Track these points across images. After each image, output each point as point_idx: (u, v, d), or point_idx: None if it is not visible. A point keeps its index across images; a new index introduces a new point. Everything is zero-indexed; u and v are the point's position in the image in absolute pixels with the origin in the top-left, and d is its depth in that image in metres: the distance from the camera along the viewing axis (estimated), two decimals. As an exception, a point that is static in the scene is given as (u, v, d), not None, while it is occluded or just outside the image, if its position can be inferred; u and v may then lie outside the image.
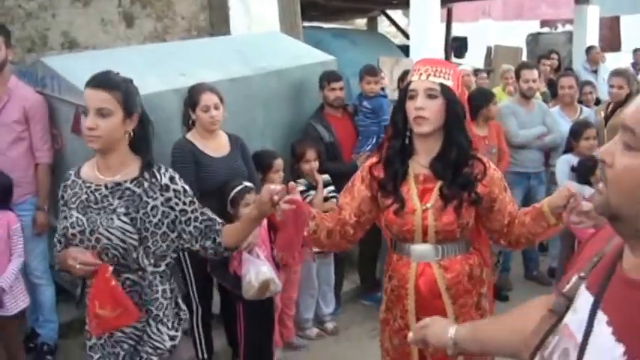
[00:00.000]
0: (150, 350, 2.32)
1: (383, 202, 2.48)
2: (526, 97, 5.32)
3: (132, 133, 2.26)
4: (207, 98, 3.54)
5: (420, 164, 2.45)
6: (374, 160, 2.54)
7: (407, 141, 2.46)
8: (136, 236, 2.21)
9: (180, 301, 2.44)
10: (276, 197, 2.17)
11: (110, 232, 2.19)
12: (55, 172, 3.93)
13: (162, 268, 2.32)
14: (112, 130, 2.19)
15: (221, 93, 3.65)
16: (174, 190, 2.28)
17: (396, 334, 2.55)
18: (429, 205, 2.40)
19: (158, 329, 2.32)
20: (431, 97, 2.35)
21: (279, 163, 4.00)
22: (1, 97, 3.78)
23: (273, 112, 4.50)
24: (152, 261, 2.28)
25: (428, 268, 2.46)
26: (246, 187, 3.53)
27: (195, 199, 2.35)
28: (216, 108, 3.55)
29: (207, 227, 2.33)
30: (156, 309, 2.31)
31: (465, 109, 2.45)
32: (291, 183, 2.28)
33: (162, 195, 2.26)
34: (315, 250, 3.96)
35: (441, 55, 8.76)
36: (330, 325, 4.59)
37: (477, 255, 2.57)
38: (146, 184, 2.25)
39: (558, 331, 1.26)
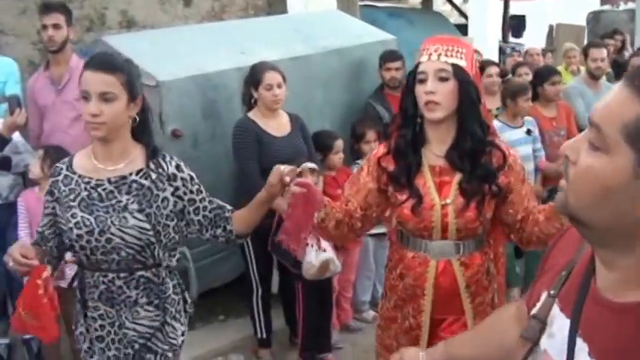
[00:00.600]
0: (166, 347, 2.24)
1: (396, 197, 2.27)
2: (594, 77, 5.13)
3: (136, 119, 2.10)
4: (271, 77, 3.51)
5: (434, 154, 2.25)
6: (382, 150, 2.33)
7: (417, 129, 2.26)
8: (152, 233, 2.09)
9: (186, 294, 2.35)
10: (286, 179, 2.07)
11: (124, 232, 2.05)
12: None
13: (174, 262, 2.23)
14: (117, 116, 2.02)
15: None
16: (182, 179, 2.16)
17: (405, 333, 2.37)
18: (448, 200, 2.21)
19: (173, 326, 2.24)
20: (442, 79, 2.15)
21: (339, 144, 3.94)
22: (62, 76, 3.82)
23: (333, 91, 4.44)
24: (168, 254, 2.18)
25: (448, 266, 2.28)
26: (307, 166, 3.48)
27: (202, 187, 2.22)
28: (279, 86, 3.52)
29: (217, 215, 2.23)
30: (170, 306, 2.22)
31: (479, 92, 2.24)
32: (305, 164, 2.18)
33: (170, 185, 2.13)
34: (372, 231, 3.90)
35: (499, 34, 8.54)
36: (387, 308, 4.53)
37: (490, 249, 2.39)
38: (154, 176, 2.10)
39: (538, 357, 1.15)
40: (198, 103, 3.77)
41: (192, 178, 2.19)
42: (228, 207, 2.26)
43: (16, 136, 3.60)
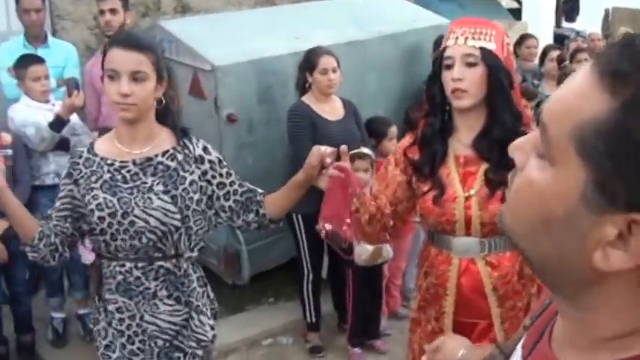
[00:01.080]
0: (194, 344, 2.13)
1: (419, 188, 2.14)
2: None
3: (162, 101, 2.04)
4: (326, 61, 3.50)
5: (461, 143, 2.11)
6: (408, 140, 2.21)
7: (446, 117, 2.13)
8: (178, 216, 1.99)
9: (209, 289, 2.25)
10: (327, 160, 1.98)
11: (148, 214, 1.96)
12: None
13: (196, 253, 2.12)
14: (147, 97, 1.95)
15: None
16: (210, 162, 2.06)
17: (429, 337, 2.18)
18: (472, 192, 2.06)
19: (200, 321, 2.13)
20: (470, 64, 2.00)
21: (393, 130, 3.91)
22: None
23: (387, 77, 4.40)
24: (191, 245, 2.08)
25: (472, 265, 2.12)
26: (360, 152, 3.47)
27: (231, 170, 2.12)
28: (334, 71, 3.51)
29: (248, 199, 2.11)
30: (195, 299, 2.12)
31: (511, 77, 2.08)
32: (343, 146, 2.06)
33: (198, 168, 2.04)
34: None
35: (552, 18, 8.32)
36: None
37: None
38: (180, 157, 2.02)
39: None
40: (254, 87, 3.79)
41: (220, 161, 2.09)
42: (260, 190, 2.16)
43: (74, 118, 3.68)
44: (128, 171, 2.00)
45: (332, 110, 3.63)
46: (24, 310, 3.67)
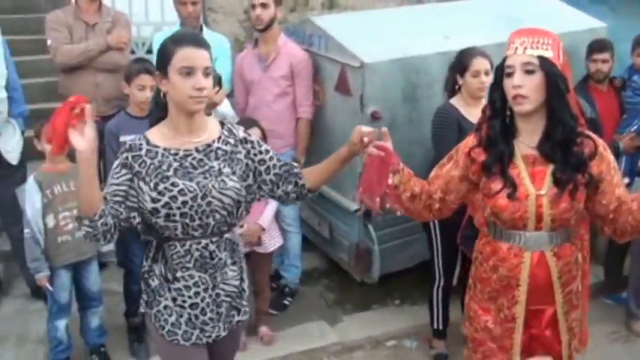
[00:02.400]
0: (244, 302, 2.40)
1: (489, 187, 2.30)
2: None
3: None
4: (479, 63, 3.38)
5: (525, 145, 2.28)
6: (472, 141, 2.37)
7: (507, 120, 2.29)
8: (244, 193, 2.22)
9: None
10: (366, 139, 2.14)
11: (223, 194, 2.16)
12: (315, 128, 4.07)
13: (240, 221, 2.39)
14: (211, 90, 2.21)
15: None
16: (251, 142, 2.28)
17: (500, 324, 2.43)
18: (543, 191, 2.24)
19: (245, 282, 2.41)
20: (529, 72, 2.17)
21: None
22: (269, 54, 3.97)
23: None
24: (242, 215, 2.30)
25: (542, 257, 2.33)
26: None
27: (269, 148, 2.34)
28: (486, 74, 3.38)
29: (287, 172, 2.31)
30: (243, 263, 2.39)
31: (567, 82, 2.21)
32: (384, 128, 2.22)
33: (243, 148, 2.25)
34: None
35: None
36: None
37: (578, 239, 2.41)
38: (231, 141, 2.24)
39: None
40: (400, 86, 3.76)
41: (258, 141, 2.31)
42: (295, 163, 2.39)
43: (227, 108, 3.81)
44: (193, 158, 2.17)
45: (479, 114, 3.50)
46: (137, 288, 3.80)
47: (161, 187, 2.11)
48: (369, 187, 2.30)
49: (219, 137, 2.22)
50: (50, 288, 3.36)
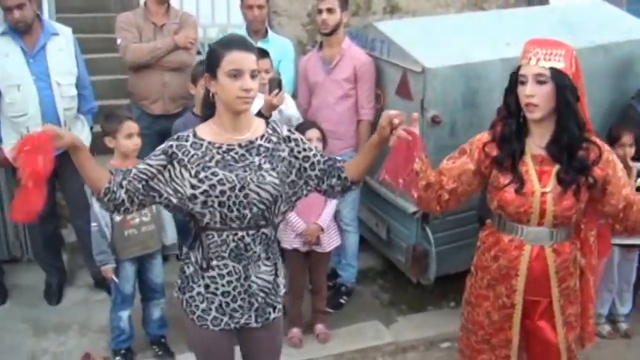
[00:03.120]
0: (278, 299, 2.47)
1: (498, 181, 2.47)
2: None
3: None
4: None
5: (535, 145, 2.46)
6: (486, 137, 2.53)
7: (521, 120, 2.46)
8: (281, 189, 2.28)
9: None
10: (395, 121, 2.18)
11: (261, 188, 2.24)
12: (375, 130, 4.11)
13: (282, 218, 2.40)
14: (257, 91, 2.26)
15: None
16: (294, 140, 2.36)
17: (499, 310, 2.59)
18: (547, 189, 2.41)
19: (280, 279, 2.46)
20: (540, 82, 2.33)
21: None
22: (334, 57, 4.06)
23: (594, 89, 4.16)
24: (281, 211, 2.35)
25: (541, 252, 2.50)
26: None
27: (312, 146, 2.41)
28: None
29: (330, 166, 2.38)
30: (278, 260, 2.45)
31: (577, 91, 2.37)
32: (415, 114, 2.28)
33: (287, 146, 2.33)
34: (621, 242, 3.82)
35: None
36: (623, 326, 4.22)
37: (578, 238, 2.57)
38: (274, 139, 2.32)
39: None
40: (460, 91, 3.79)
41: (301, 139, 2.39)
42: (339, 157, 2.44)
43: (293, 110, 3.89)
44: (235, 153, 2.27)
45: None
46: None
47: (202, 175, 2.22)
48: (394, 169, 2.33)
49: (263, 135, 2.31)
50: (115, 279, 3.48)
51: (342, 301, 4.28)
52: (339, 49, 4.04)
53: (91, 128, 4.18)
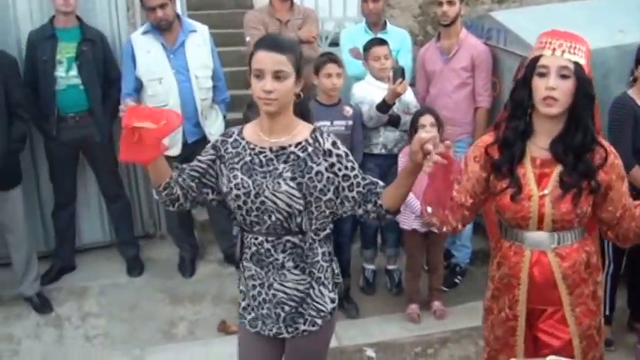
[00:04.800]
0: (313, 313, 2.32)
1: (495, 185, 2.33)
2: None
3: (300, 95, 2.22)
4: None
5: (538, 146, 2.29)
6: (490, 139, 2.38)
7: (527, 120, 2.28)
8: (302, 201, 2.17)
9: (335, 265, 2.41)
10: (429, 146, 1.94)
11: (276, 197, 2.16)
12: (492, 117, 4.25)
13: (321, 237, 2.28)
14: (287, 93, 2.14)
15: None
16: (337, 155, 2.20)
17: (501, 324, 2.44)
18: (546, 191, 2.25)
19: (320, 292, 2.32)
20: (563, 76, 2.16)
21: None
22: (452, 47, 4.24)
23: None
24: (313, 228, 2.24)
25: (543, 257, 2.33)
26: None
27: (356, 164, 2.24)
28: (663, 67, 3.44)
29: (369, 191, 2.22)
30: (317, 271, 2.29)
31: (594, 91, 2.23)
32: (447, 142, 2.01)
33: (325, 160, 2.19)
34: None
35: None
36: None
37: (592, 241, 2.40)
38: (310, 149, 2.19)
39: None
40: (576, 78, 3.89)
41: (347, 155, 2.23)
42: (381, 183, 2.26)
43: (410, 97, 4.11)
44: (265, 156, 2.21)
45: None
46: (344, 257, 4.14)
47: (230, 175, 2.23)
48: (437, 197, 2.17)
49: (300, 142, 2.21)
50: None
51: (456, 280, 4.49)
52: (457, 39, 4.22)
53: (224, 117, 4.51)
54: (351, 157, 2.24)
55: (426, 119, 3.80)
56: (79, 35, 4.21)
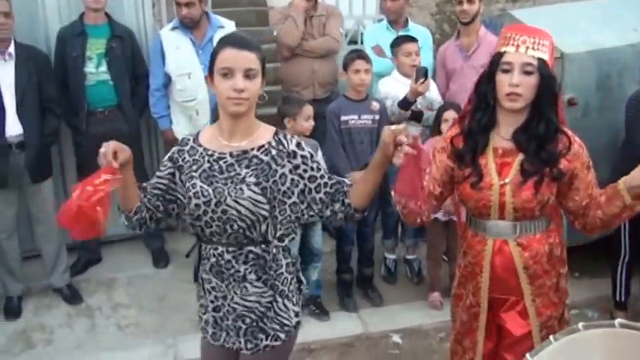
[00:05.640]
0: (277, 327, 2.23)
1: (459, 175, 2.37)
2: None
3: (264, 96, 2.14)
4: None
5: (500, 136, 2.33)
6: (455, 131, 2.42)
7: (490, 112, 2.32)
8: (267, 207, 2.08)
9: (300, 274, 2.35)
10: (402, 138, 1.91)
11: (239, 203, 2.05)
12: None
13: (285, 243, 2.20)
14: (256, 93, 2.07)
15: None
16: (302, 157, 2.12)
17: (467, 310, 2.50)
18: (507, 180, 2.28)
19: (285, 305, 2.23)
20: (527, 72, 2.19)
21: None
22: (471, 44, 4.38)
23: None
24: (278, 234, 2.15)
25: (505, 246, 2.36)
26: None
27: (322, 165, 2.18)
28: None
29: (336, 190, 2.14)
30: (281, 284, 2.21)
31: (557, 84, 2.27)
32: (415, 133, 2.07)
33: (289, 162, 2.10)
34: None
35: None
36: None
37: (557, 233, 2.39)
38: (274, 152, 2.10)
39: None
40: (594, 75, 4.04)
41: (311, 156, 2.15)
42: (348, 182, 2.18)
43: (435, 93, 4.24)
44: (225, 162, 2.11)
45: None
46: (368, 246, 4.29)
47: (188, 184, 2.13)
48: (410, 188, 2.19)
49: (262, 146, 2.11)
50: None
51: (475, 268, 4.60)
52: (476, 37, 4.35)
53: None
54: (316, 158, 2.16)
55: (449, 114, 3.93)
56: (108, 32, 4.32)
